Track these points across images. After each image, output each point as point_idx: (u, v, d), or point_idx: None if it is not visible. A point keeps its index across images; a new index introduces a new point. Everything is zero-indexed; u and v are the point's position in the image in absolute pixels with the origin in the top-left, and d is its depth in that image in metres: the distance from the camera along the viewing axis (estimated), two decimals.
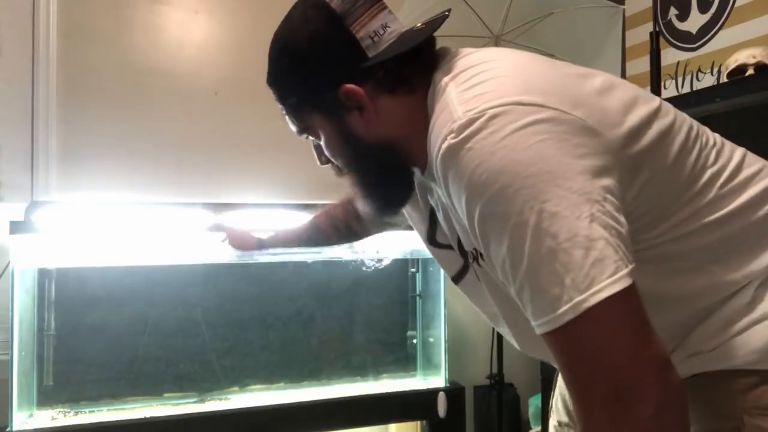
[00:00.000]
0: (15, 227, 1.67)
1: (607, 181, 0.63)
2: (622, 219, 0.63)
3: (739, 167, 0.76)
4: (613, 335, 0.60)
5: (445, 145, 0.67)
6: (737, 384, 0.72)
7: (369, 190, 0.86)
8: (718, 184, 0.74)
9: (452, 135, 0.66)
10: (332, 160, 0.85)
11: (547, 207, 0.61)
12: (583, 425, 0.63)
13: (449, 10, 0.84)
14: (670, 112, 0.75)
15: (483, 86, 0.68)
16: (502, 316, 0.87)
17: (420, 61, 0.79)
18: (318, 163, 0.89)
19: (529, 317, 0.65)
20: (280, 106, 0.85)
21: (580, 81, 0.72)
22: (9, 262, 1.70)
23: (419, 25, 0.80)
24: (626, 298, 0.60)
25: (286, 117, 0.85)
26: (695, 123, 0.77)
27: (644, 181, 0.70)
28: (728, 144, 0.79)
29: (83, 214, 1.80)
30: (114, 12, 2.12)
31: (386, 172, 0.83)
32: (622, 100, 0.71)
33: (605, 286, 0.60)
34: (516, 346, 0.92)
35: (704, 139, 0.76)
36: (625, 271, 0.61)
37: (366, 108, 0.77)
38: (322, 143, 0.84)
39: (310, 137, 0.86)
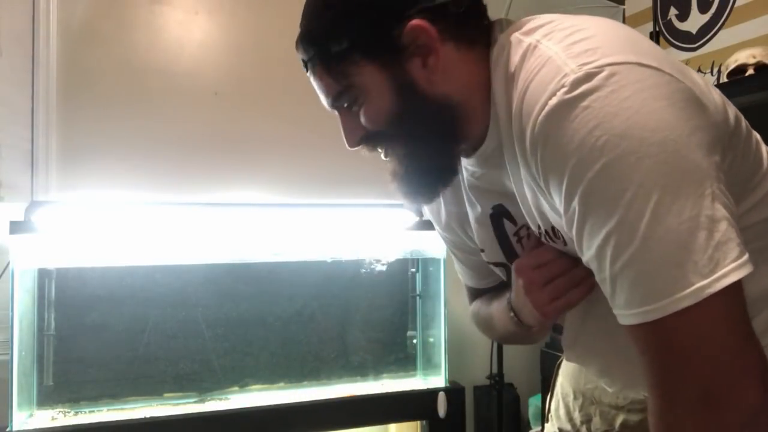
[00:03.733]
0: (15, 227, 1.67)
1: (717, 157, 0.58)
2: (731, 199, 0.58)
3: None
4: (724, 329, 0.55)
5: (554, 101, 0.58)
6: None
7: (415, 164, 0.73)
8: None
9: (564, 90, 0.58)
10: (373, 125, 0.72)
11: (671, 181, 0.54)
12: (661, 425, 0.59)
13: None
14: (729, 101, 0.72)
15: (592, 41, 0.60)
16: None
17: (482, 13, 0.73)
18: (348, 144, 0.75)
19: (620, 305, 0.59)
20: (315, 65, 0.72)
21: (666, 53, 0.66)
22: (9, 262, 1.69)
23: None
24: (741, 288, 0.56)
25: (320, 81, 0.72)
26: None
27: (730, 161, 0.65)
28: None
29: (83, 214, 1.80)
30: (114, 12, 2.11)
31: (439, 138, 0.71)
32: (698, 77, 0.67)
33: (730, 271, 0.54)
34: (572, 353, 0.87)
35: (754, 132, 0.75)
36: (747, 254, 0.56)
37: (434, 52, 0.68)
38: (365, 106, 0.71)
39: (348, 104, 0.73)
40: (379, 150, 0.75)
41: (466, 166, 0.81)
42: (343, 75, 0.70)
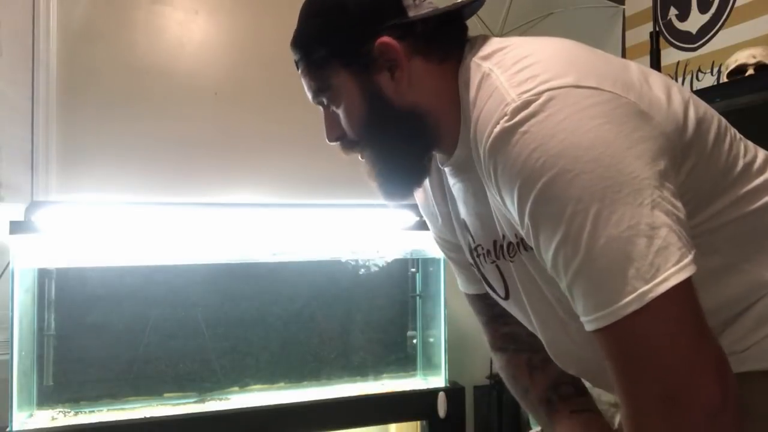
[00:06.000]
0: (15, 227, 1.67)
1: (664, 165, 0.62)
2: (679, 204, 0.61)
3: (766, 161, 0.76)
4: (674, 330, 0.58)
5: (497, 130, 0.64)
6: None
7: (385, 165, 0.80)
8: (752, 174, 0.73)
9: (506, 118, 0.63)
10: (347, 129, 0.80)
11: (608, 193, 0.58)
12: (631, 427, 0.61)
13: None
14: (701, 102, 0.74)
15: (534, 68, 0.65)
16: (537, 321, 0.85)
17: (454, 34, 0.78)
18: (327, 139, 0.83)
19: (579, 312, 0.63)
20: (301, 66, 0.80)
21: (622, 66, 0.70)
22: (9, 262, 1.69)
23: (458, 1, 0.79)
24: (689, 289, 0.59)
25: (304, 79, 0.81)
26: (719, 115, 0.77)
27: (690, 167, 0.68)
28: (747, 140, 0.79)
29: (83, 214, 1.80)
30: (114, 12, 2.11)
31: (407, 143, 0.78)
32: (660, 87, 0.70)
33: (671, 274, 0.57)
34: (552, 354, 0.89)
35: (732, 131, 0.76)
36: (689, 257, 0.59)
37: (399, 66, 0.75)
38: (340, 109, 0.79)
39: (326, 103, 0.81)
40: (354, 152, 0.83)
41: (447, 172, 0.85)
42: (322, 78, 0.78)
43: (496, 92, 0.66)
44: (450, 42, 0.77)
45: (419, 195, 0.99)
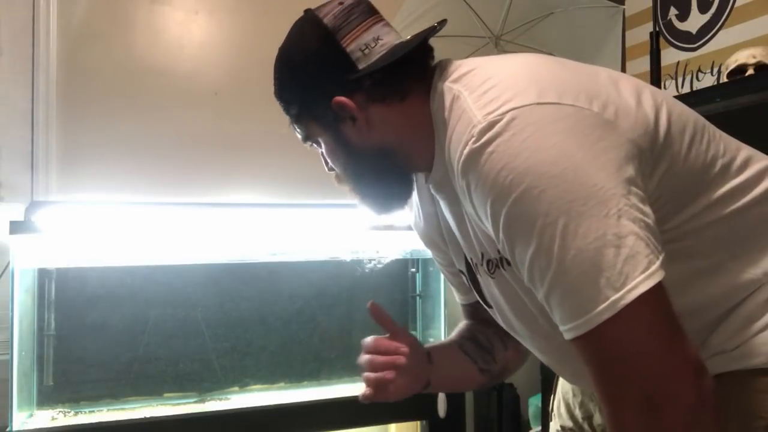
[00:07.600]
0: (15, 227, 1.67)
1: (630, 172, 0.63)
2: (647, 210, 0.63)
3: (747, 160, 0.76)
4: (647, 335, 0.60)
5: (466, 151, 0.67)
6: (762, 383, 0.72)
7: (365, 196, 0.88)
8: (730, 173, 0.74)
9: (473, 139, 0.66)
10: (333, 166, 0.88)
11: (574, 207, 0.60)
12: (614, 430, 0.63)
13: (444, 21, 0.84)
14: (676, 103, 0.75)
15: (497, 89, 0.68)
16: (528, 333, 0.86)
17: (412, 70, 0.80)
18: (325, 169, 0.92)
19: (557, 322, 0.65)
20: (287, 116, 0.88)
21: (588, 75, 0.72)
22: (9, 262, 1.69)
23: (408, 37, 0.82)
24: (659, 294, 0.60)
25: (292, 126, 0.89)
26: (698, 115, 0.77)
27: (664, 170, 0.69)
28: (730, 138, 0.79)
29: (83, 214, 1.80)
30: (114, 12, 2.11)
31: (381, 177, 0.85)
32: (630, 92, 0.71)
33: (640, 281, 0.59)
34: (545, 362, 0.91)
35: (711, 131, 0.76)
36: (657, 264, 0.60)
37: (357, 118, 0.79)
38: (323, 151, 0.87)
39: (315, 145, 0.89)
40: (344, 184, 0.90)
41: (431, 189, 0.88)
42: (302, 128, 0.87)
43: (464, 114, 0.69)
44: (410, 78, 0.80)
45: (411, 217, 1.04)
